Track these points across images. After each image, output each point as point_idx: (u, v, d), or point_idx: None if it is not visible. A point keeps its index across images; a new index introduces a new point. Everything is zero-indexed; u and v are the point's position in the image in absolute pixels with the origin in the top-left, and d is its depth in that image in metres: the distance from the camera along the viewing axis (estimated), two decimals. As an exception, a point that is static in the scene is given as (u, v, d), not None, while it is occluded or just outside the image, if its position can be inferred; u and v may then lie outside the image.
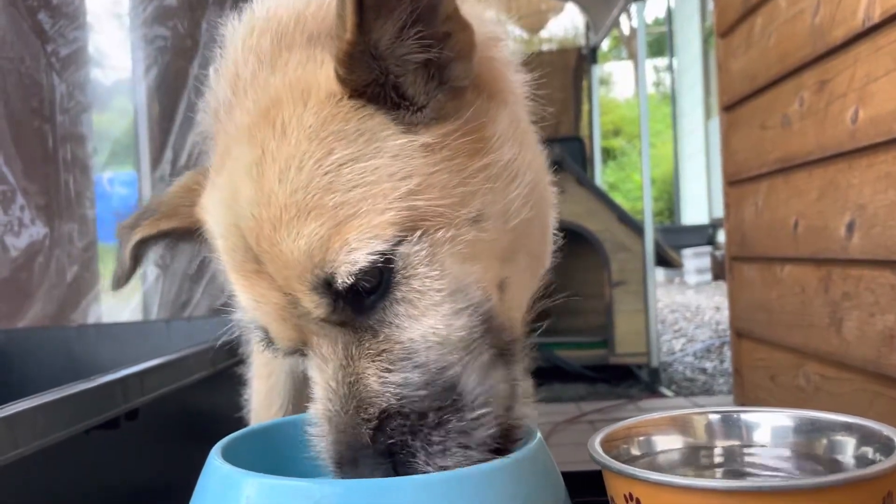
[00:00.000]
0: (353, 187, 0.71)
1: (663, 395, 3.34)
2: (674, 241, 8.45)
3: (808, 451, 0.78)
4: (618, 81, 18.66)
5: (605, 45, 12.04)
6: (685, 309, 6.20)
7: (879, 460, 0.69)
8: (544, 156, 0.90)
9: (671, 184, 13.51)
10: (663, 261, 4.17)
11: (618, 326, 3.66)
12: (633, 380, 3.67)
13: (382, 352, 0.73)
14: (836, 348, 1.88)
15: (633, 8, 4.56)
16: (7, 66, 2.35)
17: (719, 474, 0.80)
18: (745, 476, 0.79)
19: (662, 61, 14.98)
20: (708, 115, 11.06)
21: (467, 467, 0.72)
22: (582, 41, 6.77)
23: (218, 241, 0.81)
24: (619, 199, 5.84)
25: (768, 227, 2.31)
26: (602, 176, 6.10)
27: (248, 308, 0.79)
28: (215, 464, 0.77)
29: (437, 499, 0.67)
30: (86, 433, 1.00)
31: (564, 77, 6.21)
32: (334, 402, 0.74)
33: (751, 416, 0.83)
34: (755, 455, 0.80)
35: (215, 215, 0.81)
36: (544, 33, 8.61)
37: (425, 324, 0.72)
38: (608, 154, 15.57)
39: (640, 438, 0.83)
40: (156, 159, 2.88)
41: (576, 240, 3.68)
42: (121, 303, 2.89)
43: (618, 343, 3.66)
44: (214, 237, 0.83)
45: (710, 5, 5.41)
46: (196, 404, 1.47)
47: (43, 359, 1.85)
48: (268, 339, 0.80)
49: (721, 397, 3.27)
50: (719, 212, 6.17)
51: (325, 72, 0.75)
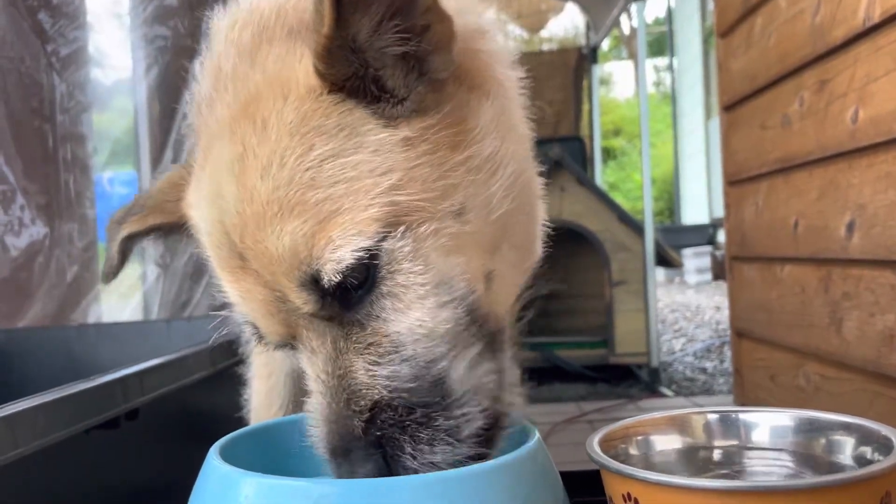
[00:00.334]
0: (334, 183, 0.71)
1: (663, 395, 3.34)
2: (674, 240, 8.44)
3: (806, 451, 0.78)
4: (618, 81, 18.66)
5: (606, 44, 12.04)
6: (685, 309, 6.20)
7: (878, 460, 0.69)
8: (531, 148, 0.90)
9: (671, 183, 13.50)
10: (663, 260, 4.17)
11: (618, 326, 3.66)
12: (634, 380, 3.67)
13: (370, 345, 0.74)
14: (836, 348, 1.88)
15: (634, 8, 4.56)
16: (7, 65, 2.35)
17: (717, 474, 0.80)
18: (744, 476, 0.79)
19: (663, 61, 14.98)
20: (708, 114, 11.06)
21: (467, 467, 0.72)
22: (582, 41, 6.76)
23: (203, 237, 0.82)
24: (619, 199, 5.85)
25: (768, 227, 2.31)
26: (602, 176, 6.10)
27: (238, 303, 0.79)
28: (214, 463, 0.77)
29: (436, 499, 0.67)
30: (86, 433, 1.00)
31: (565, 77, 6.21)
32: (325, 394, 0.75)
33: (749, 415, 0.83)
34: (753, 455, 0.80)
35: (200, 211, 0.82)
36: (544, 33, 8.60)
37: (412, 316, 0.73)
38: (608, 154, 15.56)
39: (639, 438, 0.83)
40: (156, 159, 2.87)
41: (576, 239, 3.68)
42: (121, 303, 2.89)
43: (618, 343, 3.66)
44: (200, 233, 0.83)
45: (711, 5, 5.41)
46: (196, 404, 1.48)
47: (43, 359, 1.85)
48: (258, 333, 0.81)
49: (721, 397, 3.26)
50: (719, 211, 6.16)
51: (305, 66, 0.75)
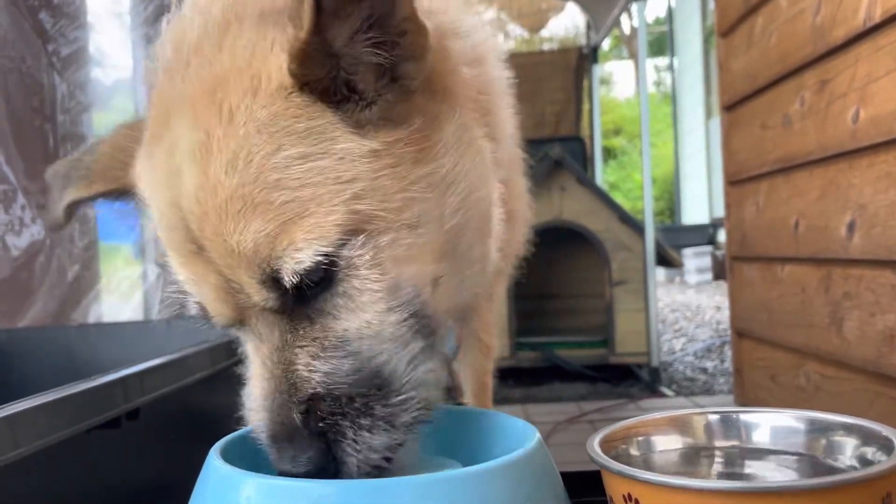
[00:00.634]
0: (300, 186, 0.71)
1: (664, 395, 3.34)
2: (674, 240, 8.45)
3: (807, 452, 0.78)
4: (618, 81, 18.66)
5: (606, 44, 12.03)
6: (686, 308, 6.20)
7: (879, 461, 0.69)
8: (486, 162, 0.89)
9: (672, 183, 13.50)
10: (664, 260, 4.16)
11: (618, 326, 3.65)
12: (634, 379, 3.66)
13: (315, 339, 0.75)
14: (837, 348, 1.88)
15: (634, 7, 4.55)
16: (8, 65, 2.35)
17: (718, 475, 0.80)
18: (744, 477, 0.79)
19: (663, 61, 14.97)
20: (708, 114, 11.06)
21: (468, 468, 0.73)
22: (583, 40, 6.76)
23: (154, 213, 0.81)
24: (619, 199, 5.85)
25: (769, 227, 2.31)
26: (603, 175, 6.09)
27: (188, 284, 0.79)
28: (214, 464, 0.77)
29: (437, 499, 0.67)
30: (87, 433, 1.00)
31: (565, 76, 6.20)
32: (270, 381, 0.76)
33: (750, 416, 0.83)
34: (754, 455, 0.80)
35: (152, 188, 0.81)
36: (545, 33, 8.59)
37: (362, 317, 0.75)
38: (609, 153, 15.57)
39: (639, 439, 0.83)
40: (156, 158, 2.87)
41: (576, 239, 3.69)
42: (121, 302, 2.89)
43: (618, 342, 3.66)
44: (150, 208, 0.83)
45: (711, 5, 5.41)
46: (197, 404, 1.47)
47: (43, 358, 1.85)
48: (204, 314, 0.81)
49: (721, 397, 3.26)
50: (720, 211, 6.16)
51: (277, 61, 0.74)
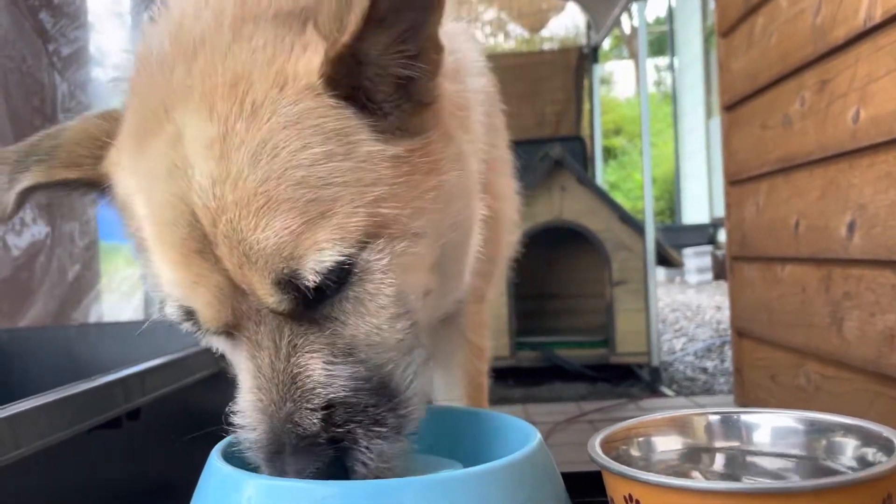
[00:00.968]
0: (324, 186, 0.71)
1: (664, 395, 3.34)
2: (674, 240, 8.45)
3: (807, 453, 0.78)
4: (619, 81, 18.63)
5: (607, 44, 12.01)
6: (686, 308, 6.20)
7: (879, 462, 0.69)
8: (476, 180, 0.92)
9: (672, 183, 13.49)
10: (664, 260, 4.16)
11: (618, 326, 3.66)
12: (634, 379, 3.67)
13: (327, 345, 0.74)
14: (837, 348, 1.88)
15: (635, 7, 4.55)
16: (9, 65, 2.35)
17: (719, 476, 0.80)
18: (745, 478, 0.79)
19: (663, 60, 14.95)
20: (709, 114, 11.05)
21: (469, 469, 0.73)
22: (583, 40, 6.75)
23: (143, 209, 0.77)
24: (619, 199, 5.85)
25: (769, 227, 2.31)
26: (603, 175, 6.09)
27: (179, 286, 0.75)
28: (216, 465, 0.77)
29: (438, 499, 0.67)
30: (88, 433, 1.00)
31: (565, 76, 6.20)
32: (270, 391, 0.74)
33: (750, 417, 0.83)
34: (755, 456, 0.81)
35: (145, 182, 0.77)
36: (545, 32, 8.59)
37: (370, 323, 0.75)
38: (609, 153, 15.55)
39: (640, 439, 0.83)
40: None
41: (576, 239, 3.69)
42: (122, 302, 2.89)
43: (618, 342, 3.66)
44: (136, 204, 0.79)
45: (712, 5, 5.41)
46: (198, 404, 1.47)
47: (44, 358, 1.84)
48: (190, 318, 0.77)
49: (722, 397, 3.26)
50: (720, 211, 6.16)
51: (304, 61, 0.74)
